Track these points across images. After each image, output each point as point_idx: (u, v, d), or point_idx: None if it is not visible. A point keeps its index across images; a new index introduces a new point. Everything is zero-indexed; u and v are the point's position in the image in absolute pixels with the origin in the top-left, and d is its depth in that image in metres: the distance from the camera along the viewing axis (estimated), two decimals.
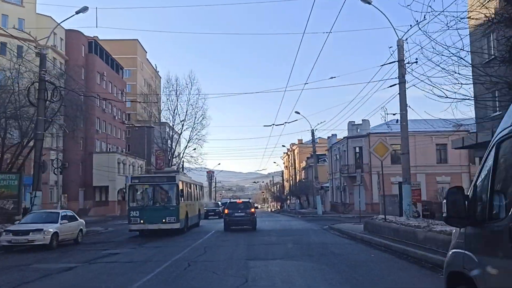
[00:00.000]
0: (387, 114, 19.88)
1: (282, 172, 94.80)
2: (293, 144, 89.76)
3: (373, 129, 41.05)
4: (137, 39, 79.60)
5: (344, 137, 42.11)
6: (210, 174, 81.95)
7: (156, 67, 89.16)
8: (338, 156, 46.21)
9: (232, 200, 27.47)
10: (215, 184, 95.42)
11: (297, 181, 68.23)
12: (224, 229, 22.68)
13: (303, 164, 75.78)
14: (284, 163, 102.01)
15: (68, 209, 25.62)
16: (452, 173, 40.41)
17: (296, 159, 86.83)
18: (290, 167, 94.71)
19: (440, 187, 39.27)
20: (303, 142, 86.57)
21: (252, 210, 23.50)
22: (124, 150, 61.91)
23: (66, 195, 39.96)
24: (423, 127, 40.61)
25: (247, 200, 27.54)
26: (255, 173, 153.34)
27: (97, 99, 52.83)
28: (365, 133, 39.75)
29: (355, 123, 40.83)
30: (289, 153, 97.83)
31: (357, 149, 40.81)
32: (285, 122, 37.94)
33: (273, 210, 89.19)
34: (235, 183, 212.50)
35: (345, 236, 18.52)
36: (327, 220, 30.81)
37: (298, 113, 40.06)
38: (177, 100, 52.04)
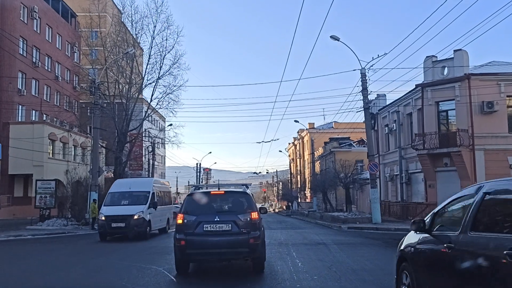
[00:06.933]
0: None
1: (290, 163, 77.88)
2: (301, 130, 73.81)
3: (474, 69, 22.87)
4: None
5: (416, 86, 23.66)
6: (198, 164, 64.88)
7: (138, 37, 71.35)
8: (395, 125, 27.78)
9: (201, 191, 9.08)
10: (207, 178, 78.91)
11: (317, 172, 49.84)
12: (176, 270, 8.70)
13: (320, 151, 58.01)
14: (290, 155, 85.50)
15: None
16: None
17: (305, 148, 70.49)
18: (298, 159, 78.65)
19: None
20: (315, 126, 70.21)
21: (254, 215, 8.47)
22: (74, 126, 43.71)
23: None
24: None
25: (239, 189, 9.20)
26: (255, 172, 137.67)
27: (20, 45, 35.20)
28: (462, 74, 21.52)
29: (438, 58, 22.56)
30: (296, 142, 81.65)
31: (445, 105, 22.38)
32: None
33: (277, 211, 73.18)
34: (234, 182, 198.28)
35: None
36: None
37: (337, 39, 22.09)
38: (135, 41, 34.20)
